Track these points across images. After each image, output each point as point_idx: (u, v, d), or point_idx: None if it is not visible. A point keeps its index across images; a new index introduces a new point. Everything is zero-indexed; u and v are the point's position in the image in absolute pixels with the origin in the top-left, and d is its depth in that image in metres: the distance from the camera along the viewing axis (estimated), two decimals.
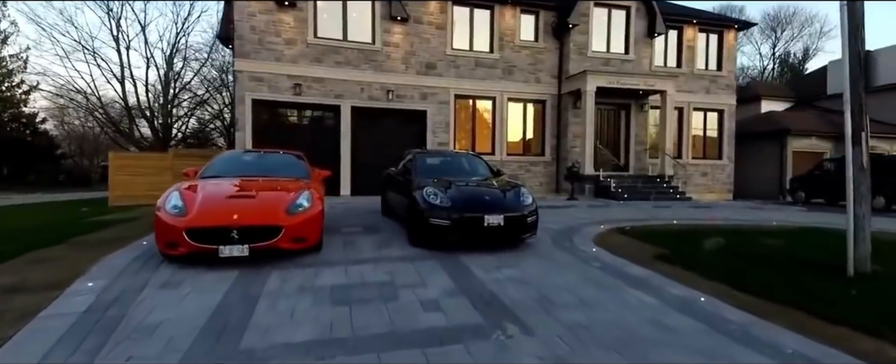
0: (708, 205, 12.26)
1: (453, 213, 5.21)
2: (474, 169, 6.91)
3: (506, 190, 5.82)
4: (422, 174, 6.35)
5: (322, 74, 11.77)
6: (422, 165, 6.63)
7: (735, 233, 7.34)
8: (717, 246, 5.54)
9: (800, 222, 9.19)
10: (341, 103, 11.94)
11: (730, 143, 16.00)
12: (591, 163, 13.06)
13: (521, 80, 13.71)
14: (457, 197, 5.41)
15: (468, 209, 5.27)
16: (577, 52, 13.79)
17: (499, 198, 5.55)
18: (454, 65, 12.97)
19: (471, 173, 6.69)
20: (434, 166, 6.69)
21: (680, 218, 9.03)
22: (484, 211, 5.24)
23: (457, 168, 6.76)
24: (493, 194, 5.64)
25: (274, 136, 11.70)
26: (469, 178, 6.43)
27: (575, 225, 7.71)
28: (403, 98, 12.45)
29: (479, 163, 7.17)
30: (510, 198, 5.61)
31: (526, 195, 5.77)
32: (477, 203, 5.37)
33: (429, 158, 6.96)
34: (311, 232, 4.87)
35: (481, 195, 5.55)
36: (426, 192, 5.43)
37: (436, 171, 6.51)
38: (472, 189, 5.80)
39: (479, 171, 6.86)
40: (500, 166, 13.55)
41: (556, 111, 14.09)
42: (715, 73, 15.73)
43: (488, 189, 5.85)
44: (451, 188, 5.65)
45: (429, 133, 12.74)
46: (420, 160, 6.78)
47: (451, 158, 7.08)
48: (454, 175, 6.41)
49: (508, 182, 6.27)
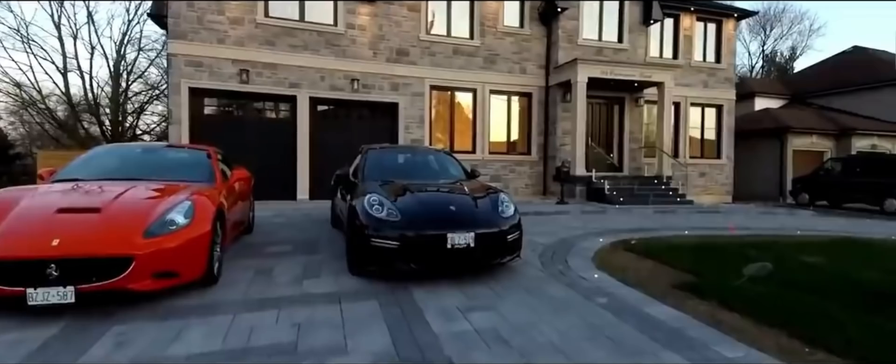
0: (713, 209, 11.00)
1: (405, 231, 3.71)
2: (442, 169, 5.42)
3: (479, 197, 4.33)
4: (371, 176, 4.85)
5: (274, 60, 10.15)
6: (372, 165, 5.12)
7: (763, 247, 5.98)
8: (762, 272, 4.14)
9: (824, 231, 7.92)
10: (298, 93, 10.33)
11: (729, 141, 14.83)
12: (582, 162, 11.70)
13: (505, 70, 12.28)
14: (411, 208, 3.92)
15: (426, 225, 3.78)
16: (566, 40, 12.42)
17: (468, 208, 4.07)
18: (429, 52, 11.47)
19: (437, 175, 5.20)
20: (389, 166, 5.18)
21: (691, 227, 7.67)
22: (447, 227, 3.76)
23: (419, 168, 5.25)
24: (461, 204, 4.15)
25: (216, 131, 10.04)
26: (434, 181, 4.93)
27: (569, 237, 6.27)
28: (371, 88, 10.90)
29: (450, 162, 5.66)
30: (485, 208, 4.13)
31: (506, 205, 4.30)
32: (438, 216, 3.88)
33: (382, 155, 5.44)
34: (189, 261, 3.33)
35: (445, 205, 4.05)
36: (369, 202, 3.92)
37: (391, 171, 5.00)
38: (434, 197, 4.31)
39: (448, 173, 5.36)
40: (482, 166, 12.12)
41: (543, 105, 12.70)
42: (713, 66, 14.54)
43: (456, 197, 4.36)
44: (405, 195, 4.15)
45: (401, 128, 11.21)
46: (371, 158, 5.27)
47: (412, 156, 5.55)
48: (414, 177, 4.92)
49: (485, 187, 4.79)
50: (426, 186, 4.52)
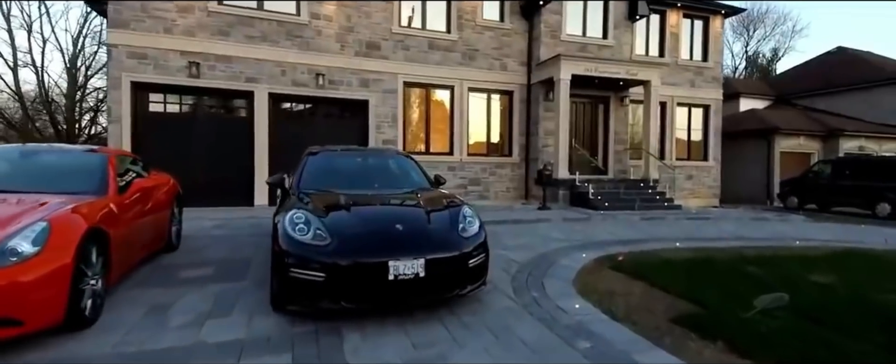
0: (702, 215, 10.39)
1: (336, 258, 2.89)
2: (399, 177, 4.59)
3: (435, 212, 3.53)
4: (307, 185, 4.02)
5: (229, 52, 9.21)
6: (312, 171, 4.29)
7: (764, 262, 5.32)
8: (777, 304, 3.43)
9: (822, 240, 7.34)
10: (255, 89, 9.40)
11: (716, 142, 14.33)
12: (565, 165, 11.00)
13: (485, 66, 11.52)
14: (346, 227, 3.10)
15: (362, 250, 2.97)
16: (549, 36, 11.71)
17: (419, 227, 3.27)
18: (403, 46, 10.64)
19: (392, 183, 4.37)
20: (333, 173, 4.34)
21: (681, 237, 7.01)
22: (390, 252, 2.95)
23: (370, 176, 4.42)
24: (411, 221, 3.35)
25: (162, 131, 9.12)
26: (386, 191, 4.11)
27: (548, 252, 5.53)
28: (338, 84, 10.02)
29: (410, 167, 4.83)
30: (441, 226, 3.34)
31: (469, 221, 3.51)
32: (380, 238, 3.07)
33: (327, 160, 4.59)
34: (39, 303, 2.48)
35: (389, 223, 3.24)
36: (291, 221, 3.10)
37: (334, 179, 4.17)
38: (378, 213, 3.50)
39: (405, 181, 4.53)
40: (461, 168, 11.39)
41: (525, 104, 11.98)
42: (700, 65, 14.02)
43: (405, 212, 3.57)
44: (341, 210, 3.33)
45: (372, 128, 10.37)
46: (312, 163, 4.43)
47: (363, 161, 4.70)
48: (363, 186, 4.10)
49: (445, 198, 3.98)
50: (372, 199, 3.70)
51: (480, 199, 11.44)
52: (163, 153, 8.99)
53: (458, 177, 11.31)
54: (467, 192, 11.37)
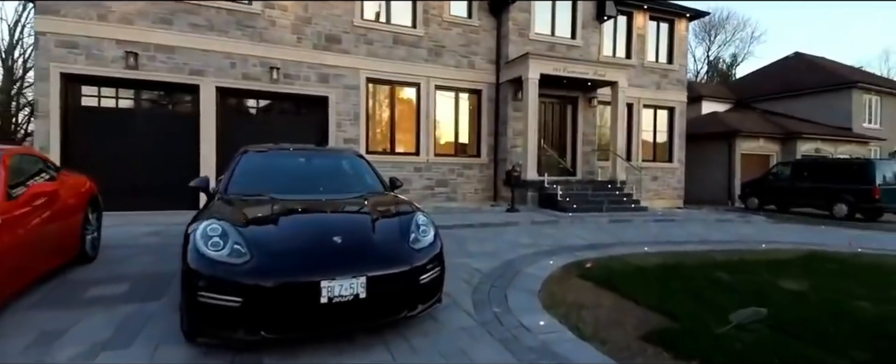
0: (668, 216, 10.36)
1: (256, 279, 2.40)
2: (347, 180, 4.09)
3: (382, 219, 3.10)
4: (237, 190, 3.51)
5: (171, 41, 8.46)
6: (243, 173, 3.75)
7: (733, 267, 5.14)
8: (754, 319, 3.18)
9: (787, 242, 7.32)
10: (201, 82, 8.68)
11: (681, 144, 14.48)
12: (534, 166, 10.76)
13: (452, 63, 11.14)
14: (271, 241, 2.62)
15: (290, 267, 2.49)
16: (517, 34, 11.46)
17: (361, 239, 2.82)
18: (365, 40, 10.12)
19: (338, 187, 3.86)
20: (269, 175, 3.81)
21: (650, 240, 6.82)
22: (323, 270, 2.49)
23: (313, 179, 3.90)
24: (352, 231, 2.89)
25: (96, 127, 8.30)
26: (330, 195, 3.63)
27: (515, 259, 5.18)
28: (294, 79, 9.41)
29: (361, 168, 4.33)
30: (388, 236, 2.90)
31: (423, 230, 3.09)
32: (310, 254, 2.60)
33: (263, 160, 4.05)
34: None
35: (325, 235, 2.76)
36: (205, 233, 2.59)
37: (270, 183, 3.65)
38: (312, 222, 3.03)
39: (355, 184, 4.04)
40: (427, 169, 10.96)
41: (494, 103, 11.67)
42: (666, 67, 14.12)
43: (347, 220, 3.13)
44: (268, 221, 2.84)
45: (332, 126, 9.80)
46: (245, 164, 3.89)
47: (306, 161, 4.17)
48: (303, 191, 3.60)
49: (398, 204, 3.53)
50: (310, 206, 3.22)
51: (448, 200, 11.06)
52: (97, 152, 8.19)
53: (424, 178, 10.89)
54: (434, 193, 10.97)
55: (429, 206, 10.66)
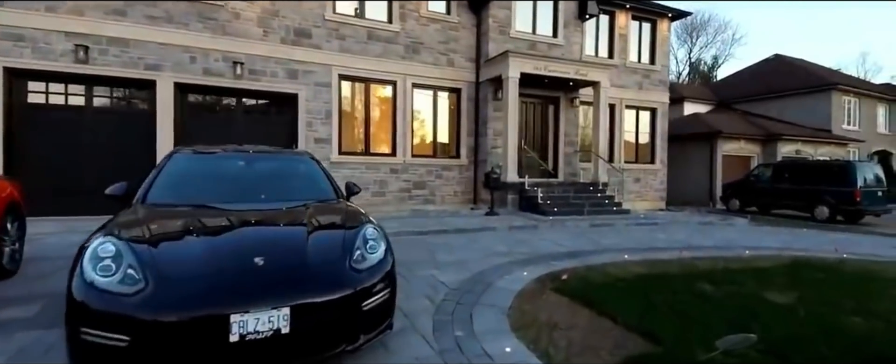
0: (650, 220, 10.12)
1: (148, 313, 1.96)
2: (294, 185, 3.64)
3: (321, 233, 2.68)
4: (156, 198, 3.06)
5: (125, 34, 7.89)
6: (168, 179, 3.29)
7: (717, 277, 4.85)
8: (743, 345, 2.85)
9: (770, 248, 7.10)
10: (158, 77, 8.12)
11: (663, 145, 14.31)
12: (514, 167, 10.42)
13: (430, 61, 10.74)
14: (172, 265, 2.18)
15: (189, 299, 2.04)
16: (497, 31, 11.11)
17: (289, 259, 2.39)
18: (338, 35, 9.65)
19: (281, 194, 3.41)
20: (199, 180, 3.36)
21: (631, 247, 6.52)
22: (235, 301, 2.06)
23: (251, 183, 3.45)
24: (279, 251, 2.45)
25: (43, 125, 7.69)
26: (266, 205, 3.18)
27: (485, 270, 4.80)
28: (260, 75, 8.89)
29: (311, 171, 3.88)
30: (323, 256, 2.47)
31: (370, 246, 2.68)
32: (222, 280, 2.16)
33: (192, 162, 3.59)
34: None
35: (243, 256, 2.31)
36: (96, 254, 2.16)
37: (199, 189, 3.21)
38: (231, 240, 2.56)
39: (305, 189, 3.60)
40: (404, 171, 10.53)
41: (473, 103, 11.31)
42: (648, 67, 13.94)
43: (275, 237, 2.69)
44: (178, 237, 2.41)
45: (302, 125, 9.31)
46: (171, 167, 3.43)
47: (246, 164, 3.68)
48: (239, 198, 3.17)
49: (346, 214, 3.10)
50: (237, 218, 2.78)
51: (426, 203, 10.66)
52: (43, 152, 7.62)
53: (401, 180, 10.46)
54: (412, 196, 10.55)
55: (405, 210, 10.25)
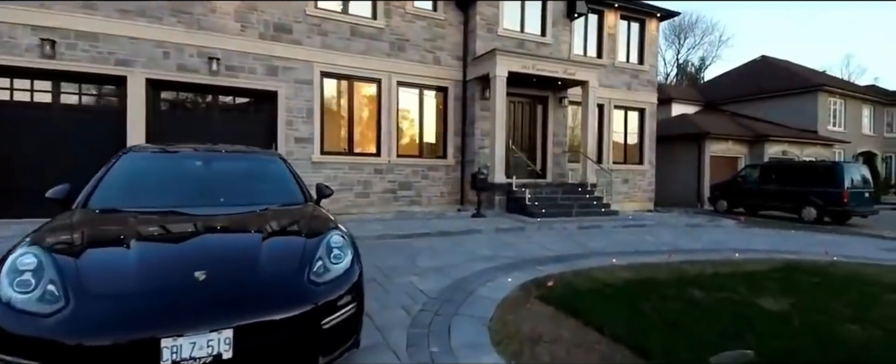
0: (639, 222, 9.98)
1: (66, 335, 1.69)
2: (257, 187, 3.36)
3: (278, 241, 2.42)
4: (100, 201, 2.78)
5: (95, 28, 7.51)
6: (116, 178, 3.02)
7: (707, 283, 4.68)
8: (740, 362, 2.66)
9: (760, 251, 6.97)
10: (129, 74, 7.75)
11: (651, 146, 14.23)
12: (502, 168, 10.22)
13: (416, 58, 10.49)
14: (100, 280, 1.91)
15: (114, 320, 1.77)
16: (485, 29, 10.90)
17: (237, 273, 2.12)
18: (320, 30, 9.35)
19: (241, 197, 3.12)
20: (151, 181, 3.08)
21: (619, 250, 6.33)
22: (167, 322, 1.79)
23: (209, 186, 3.16)
24: (225, 263, 2.17)
25: (9, 125, 7.31)
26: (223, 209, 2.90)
27: (468, 276, 4.56)
28: (238, 71, 8.56)
29: (277, 172, 3.59)
30: (277, 268, 2.20)
31: (334, 255, 2.42)
32: (155, 297, 1.88)
33: (143, 162, 3.30)
34: None
35: (182, 267, 2.04)
36: (14, 266, 1.89)
37: (150, 192, 2.94)
38: (172, 251, 2.28)
39: (269, 192, 3.32)
40: (389, 171, 10.27)
41: (461, 102, 11.08)
42: (636, 68, 13.84)
43: (223, 246, 2.40)
44: (111, 247, 2.13)
45: (281, 124, 8.99)
46: (119, 167, 3.15)
47: (203, 164, 3.38)
48: (194, 202, 2.89)
49: (311, 220, 2.83)
50: (185, 224, 2.51)
51: (412, 204, 10.41)
52: (8, 151, 7.22)
53: (386, 181, 10.19)
54: (397, 197, 10.29)
55: (390, 211, 9.98)
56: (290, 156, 9.07)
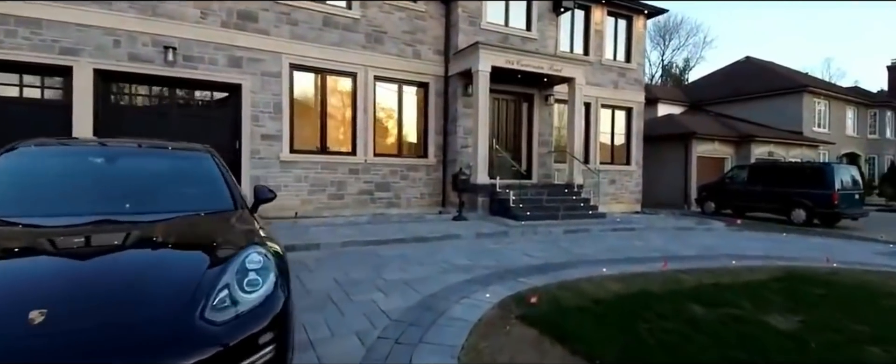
0: (628, 224, 9.56)
1: None
2: (175, 189, 2.73)
3: (174, 263, 1.84)
4: None
5: (36, 13, 6.77)
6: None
7: (707, 297, 4.22)
8: None
9: (756, 256, 6.57)
10: (75, 63, 7.02)
11: (638, 146, 13.87)
12: (485, 168, 9.71)
13: (395, 52, 9.91)
14: None
15: None
16: (467, 22, 10.37)
17: (95, 309, 1.54)
18: (289, 20, 8.71)
19: (152, 202, 2.52)
20: (34, 183, 2.46)
21: (609, 257, 5.86)
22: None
23: (112, 189, 2.55)
24: (80, 294, 1.58)
25: None
26: (124, 217, 2.30)
27: (440, 292, 4.01)
28: (197, 62, 7.87)
29: (206, 171, 2.97)
30: (154, 301, 1.62)
31: (250, 280, 1.85)
32: None
33: (32, 160, 2.67)
34: None
35: (16, 305, 1.45)
36: None
37: (38, 196, 2.33)
38: (11, 280, 1.69)
39: (189, 195, 2.71)
40: (365, 171, 9.66)
41: (442, 98, 10.53)
42: (623, 66, 13.47)
43: (82, 273, 1.78)
44: None
45: (245, 119, 8.33)
46: (3, 167, 2.52)
47: (104, 162, 2.77)
48: (84, 209, 2.28)
49: (228, 231, 2.26)
50: (58, 237, 1.92)
51: (390, 207, 9.83)
52: None
53: (362, 181, 9.59)
54: (374, 198, 9.70)
55: (366, 214, 9.38)
56: (256, 154, 8.43)
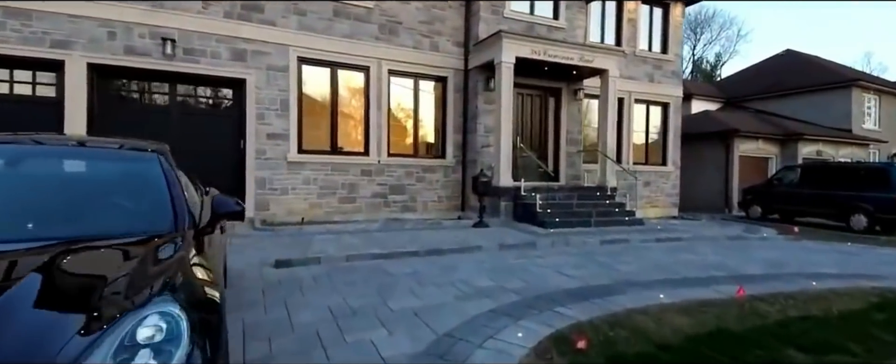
0: (671, 233, 8.58)
1: None
2: (101, 203, 2.04)
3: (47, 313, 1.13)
4: None
5: (28, 4, 6.29)
6: None
7: (796, 328, 3.32)
8: None
9: (831, 274, 5.57)
10: (67, 57, 6.51)
11: (675, 144, 12.80)
12: (508, 169, 8.89)
13: (410, 44, 9.18)
14: None
15: None
16: (489, 11, 9.57)
17: None
18: (297, 9, 8.07)
19: (62, 225, 1.84)
20: None
21: (660, 277, 4.96)
22: None
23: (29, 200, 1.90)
24: None
25: None
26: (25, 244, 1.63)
27: (457, 328, 3.21)
28: (198, 55, 7.29)
29: (146, 178, 2.18)
30: None
31: (144, 355, 1.11)
32: None
33: None
34: None
35: None
36: None
37: None
38: None
39: (123, 211, 2.03)
40: (378, 172, 8.97)
41: (461, 94, 9.75)
42: (659, 57, 12.42)
43: None
44: None
45: (250, 117, 7.72)
46: None
47: (5, 165, 2.08)
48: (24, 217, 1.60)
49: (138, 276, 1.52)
50: None
51: (405, 211, 9.11)
52: None
53: (375, 183, 8.90)
54: (388, 202, 9.00)
55: (379, 219, 8.67)
56: (262, 154, 7.82)
